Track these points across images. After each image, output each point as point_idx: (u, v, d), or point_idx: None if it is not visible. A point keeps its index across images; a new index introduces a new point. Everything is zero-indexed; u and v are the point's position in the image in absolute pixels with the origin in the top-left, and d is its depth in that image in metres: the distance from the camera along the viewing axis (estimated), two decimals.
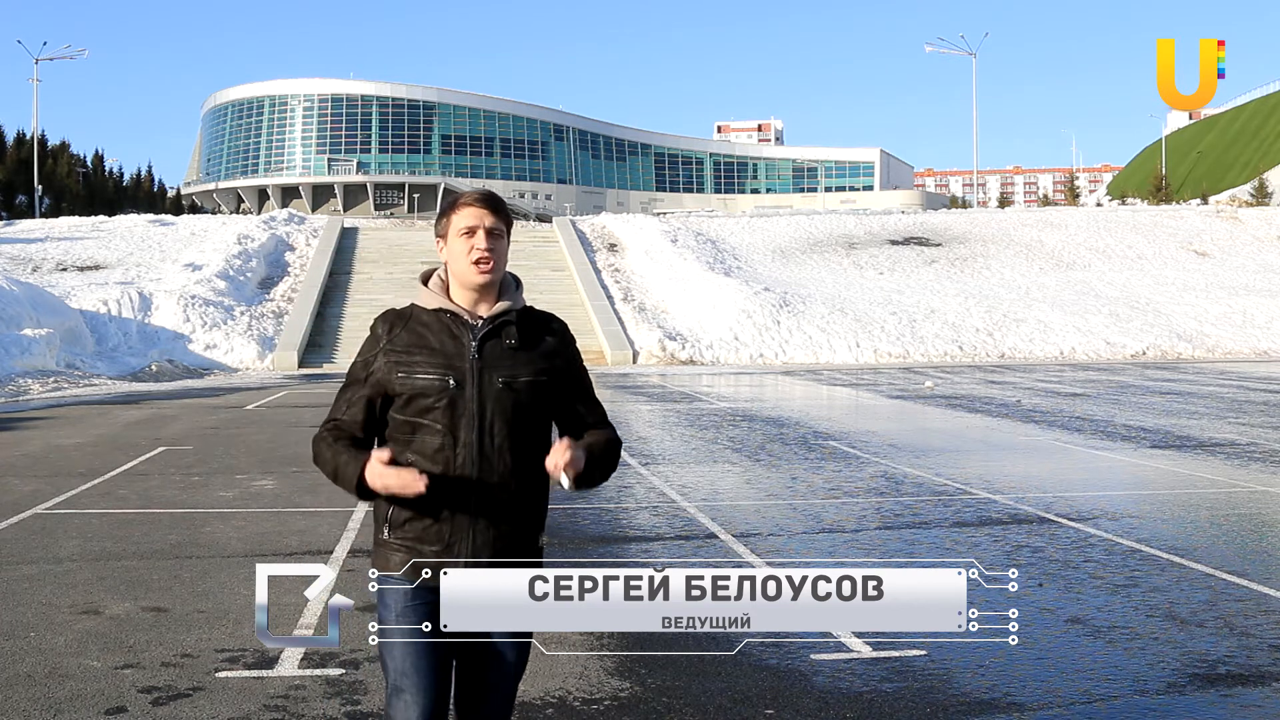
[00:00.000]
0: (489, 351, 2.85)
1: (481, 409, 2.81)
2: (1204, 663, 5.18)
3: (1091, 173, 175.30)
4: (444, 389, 2.81)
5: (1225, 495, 10.00)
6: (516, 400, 2.83)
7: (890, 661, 5.23)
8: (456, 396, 2.81)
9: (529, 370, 2.86)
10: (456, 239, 2.88)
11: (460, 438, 2.80)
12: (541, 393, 2.88)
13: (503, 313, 2.89)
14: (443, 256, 2.95)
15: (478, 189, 2.95)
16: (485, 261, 2.85)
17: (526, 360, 2.87)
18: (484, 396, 2.81)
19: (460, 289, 2.89)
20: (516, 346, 2.86)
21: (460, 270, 2.87)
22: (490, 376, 2.83)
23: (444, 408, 2.81)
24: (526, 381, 2.86)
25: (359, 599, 6.99)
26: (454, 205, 2.93)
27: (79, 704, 4.69)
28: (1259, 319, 38.11)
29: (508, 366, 2.84)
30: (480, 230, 2.85)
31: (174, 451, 13.25)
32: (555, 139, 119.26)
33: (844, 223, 51.21)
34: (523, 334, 2.89)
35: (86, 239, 43.56)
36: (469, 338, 2.85)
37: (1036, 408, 18.50)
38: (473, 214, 2.87)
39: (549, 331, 2.95)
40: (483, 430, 2.80)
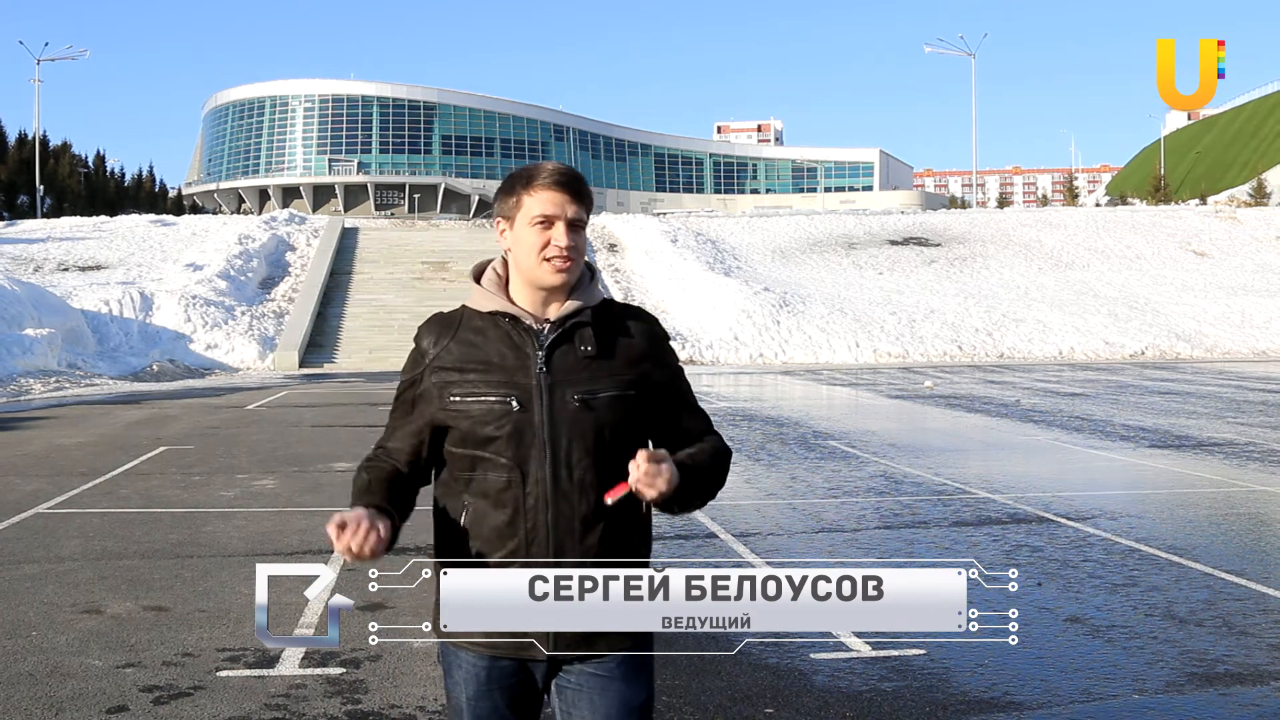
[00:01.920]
0: (560, 362, 2.31)
1: (554, 435, 2.28)
2: (1202, 662, 5.20)
3: (1090, 173, 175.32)
4: (506, 413, 2.29)
5: (1224, 495, 10.01)
6: (598, 421, 2.30)
7: (890, 660, 5.24)
8: (522, 421, 2.28)
9: (611, 382, 2.32)
10: (527, 228, 2.32)
11: (530, 473, 2.28)
12: (630, 409, 2.34)
13: (574, 313, 2.34)
14: (503, 243, 2.39)
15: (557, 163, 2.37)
16: (564, 261, 2.31)
17: (607, 370, 2.33)
18: (556, 419, 2.28)
19: (525, 286, 2.36)
20: (594, 354, 2.32)
21: (529, 266, 2.33)
22: (563, 394, 2.29)
23: (507, 436, 2.29)
24: (609, 397, 2.31)
25: (359, 599, 7.02)
26: (527, 183, 2.34)
27: (80, 703, 4.70)
28: (1257, 319, 38.11)
29: (584, 380, 2.31)
30: (560, 222, 2.30)
31: (175, 451, 13.26)
32: (555, 139, 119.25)
33: (843, 223, 51.21)
34: (601, 337, 2.35)
35: (88, 239, 43.55)
36: (534, 347, 2.32)
37: (1035, 407, 18.51)
38: (552, 200, 2.31)
39: (633, 330, 2.40)
40: (557, 462, 2.28)
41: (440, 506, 2.41)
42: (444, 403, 2.34)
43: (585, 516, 2.29)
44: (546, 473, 2.28)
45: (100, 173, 76.50)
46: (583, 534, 2.29)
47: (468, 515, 2.33)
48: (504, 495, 2.29)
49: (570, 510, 2.28)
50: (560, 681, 2.34)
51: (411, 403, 2.42)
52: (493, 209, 2.41)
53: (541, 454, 2.28)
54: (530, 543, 2.27)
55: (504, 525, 2.28)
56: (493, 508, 2.30)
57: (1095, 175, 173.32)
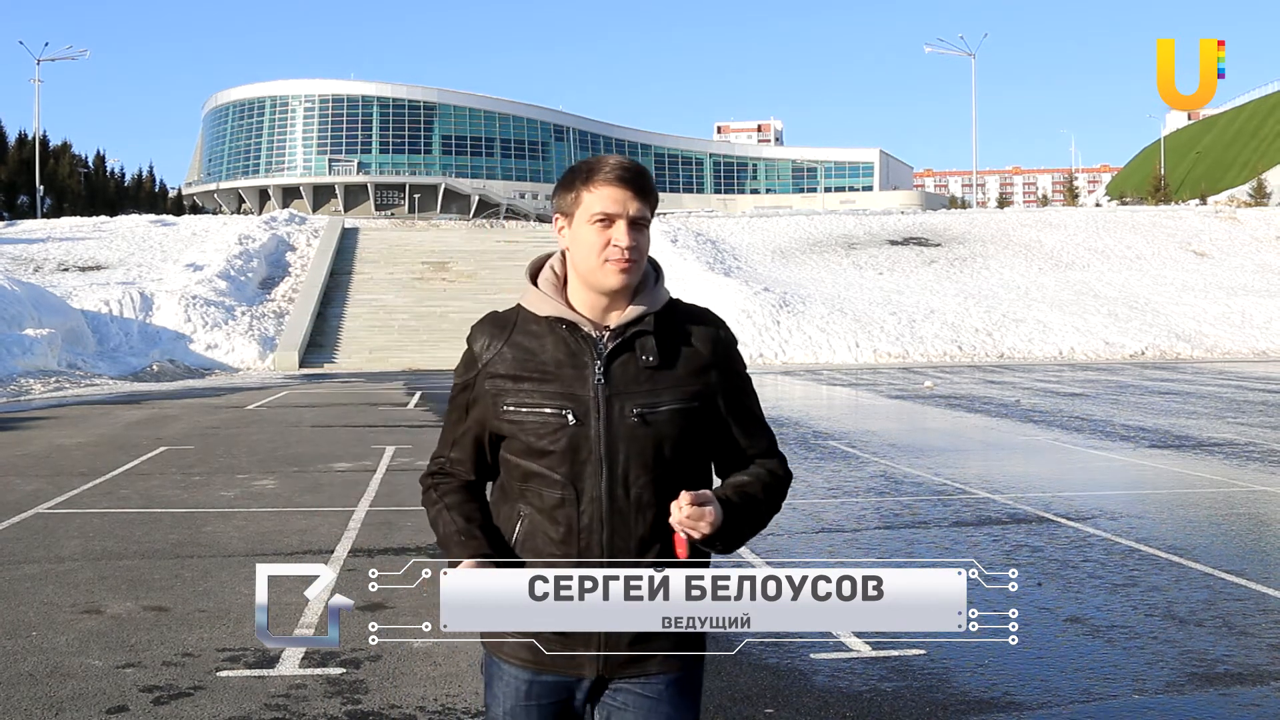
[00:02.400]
0: (619, 373, 2.18)
1: (611, 451, 2.16)
2: (1202, 662, 5.20)
3: (1090, 173, 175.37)
4: (561, 427, 2.16)
5: (1224, 495, 10.01)
6: (658, 436, 2.17)
7: (889, 661, 5.24)
8: (578, 436, 2.16)
9: (673, 394, 2.19)
10: (586, 226, 2.18)
11: (585, 490, 2.17)
12: (692, 422, 2.20)
13: (636, 319, 2.20)
14: (561, 241, 2.24)
15: (620, 157, 2.22)
16: (625, 262, 2.16)
17: (670, 381, 2.19)
18: (614, 435, 2.16)
19: (584, 288, 2.21)
20: (656, 364, 2.18)
21: (588, 268, 2.18)
22: (621, 407, 2.16)
23: (562, 451, 2.16)
24: (671, 411, 2.18)
25: (359, 599, 7.01)
26: (588, 178, 2.19)
27: (80, 703, 4.70)
28: (1257, 319, 38.11)
29: (645, 392, 2.17)
30: (622, 221, 2.16)
31: (175, 451, 13.26)
32: (555, 139, 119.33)
33: (843, 223, 51.21)
34: (664, 345, 2.20)
35: (88, 239, 43.56)
36: (592, 356, 2.18)
37: (1035, 407, 18.51)
38: (614, 197, 2.16)
39: (699, 335, 2.24)
40: (614, 480, 2.16)
41: (495, 512, 2.31)
42: (498, 411, 2.22)
43: (642, 537, 2.17)
44: (602, 491, 2.16)
45: (100, 173, 76.50)
46: (639, 556, 2.16)
47: (523, 526, 2.22)
48: (557, 512, 2.17)
49: (626, 531, 2.16)
50: (606, 701, 2.26)
51: (465, 407, 2.29)
52: (551, 204, 2.27)
53: (597, 471, 2.16)
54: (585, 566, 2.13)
55: (558, 542, 2.18)
56: (547, 523, 2.19)
57: (1095, 175, 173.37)
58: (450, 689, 4.87)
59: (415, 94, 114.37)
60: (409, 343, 33.87)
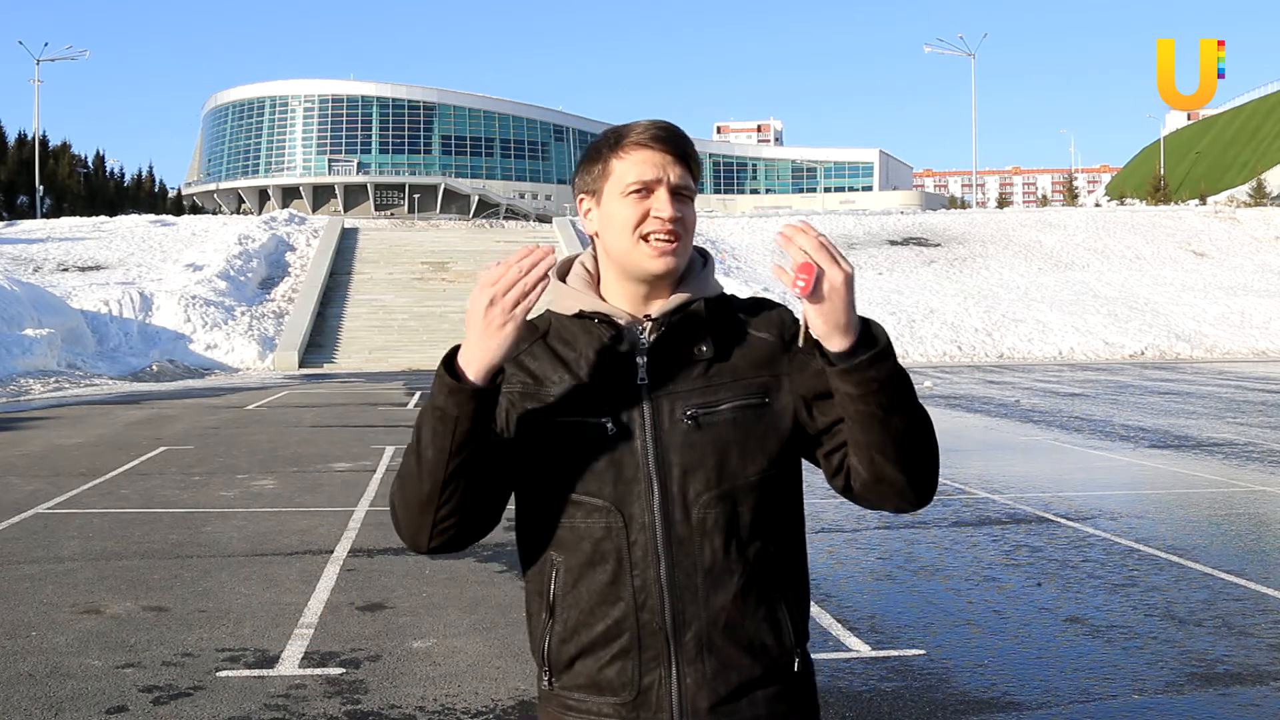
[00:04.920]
0: (666, 369, 1.78)
1: (662, 465, 1.75)
2: (1202, 662, 5.20)
3: (1090, 173, 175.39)
4: (599, 438, 1.75)
5: (1223, 495, 10.01)
6: (720, 443, 1.75)
7: (889, 660, 5.25)
8: (621, 449, 1.75)
9: (735, 390, 1.78)
10: (618, 201, 1.79)
11: (633, 516, 1.74)
12: (764, 420, 1.78)
13: (682, 304, 1.80)
14: (588, 225, 1.87)
15: (654, 119, 1.85)
16: (669, 239, 1.77)
17: (730, 373, 1.79)
18: (664, 444, 1.75)
19: (620, 279, 1.83)
20: (711, 355, 1.79)
21: (623, 251, 1.79)
22: (670, 409, 1.76)
23: (603, 469, 1.75)
24: (734, 409, 1.77)
25: (359, 598, 7.01)
26: (616, 142, 1.82)
27: (80, 703, 4.70)
28: (1257, 319, 38.12)
29: (698, 390, 1.77)
30: (662, 188, 1.78)
31: (175, 451, 13.26)
32: (555, 139, 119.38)
33: (843, 223, 51.23)
34: (719, 335, 1.81)
35: (87, 239, 43.56)
36: (633, 352, 1.79)
37: (1035, 407, 18.51)
38: (651, 161, 1.79)
39: (761, 321, 1.84)
40: (668, 499, 1.74)
41: (522, 573, 1.87)
42: (519, 423, 1.79)
43: (710, 569, 1.74)
44: (655, 515, 1.74)
45: (100, 173, 76.51)
46: (709, 592, 1.73)
47: (558, 579, 1.78)
48: (603, 546, 1.74)
49: (690, 562, 1.73)
50: None
51: None
52: (573, 185, 1.90)
53: (647, 490, 1.74)
54: (640, 606, 1.73)
55: (605, 586, 1.74)
56: (589, 565, 1.74)
57: (1095, 175, 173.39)
58: (450, 689, 4.87)
59: (415, 94, 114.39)
60: (409, 343, 33.87)
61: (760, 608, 1.76)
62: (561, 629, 1.77)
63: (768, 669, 1.76)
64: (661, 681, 1.73)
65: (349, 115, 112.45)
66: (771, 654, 1.76)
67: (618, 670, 1.74)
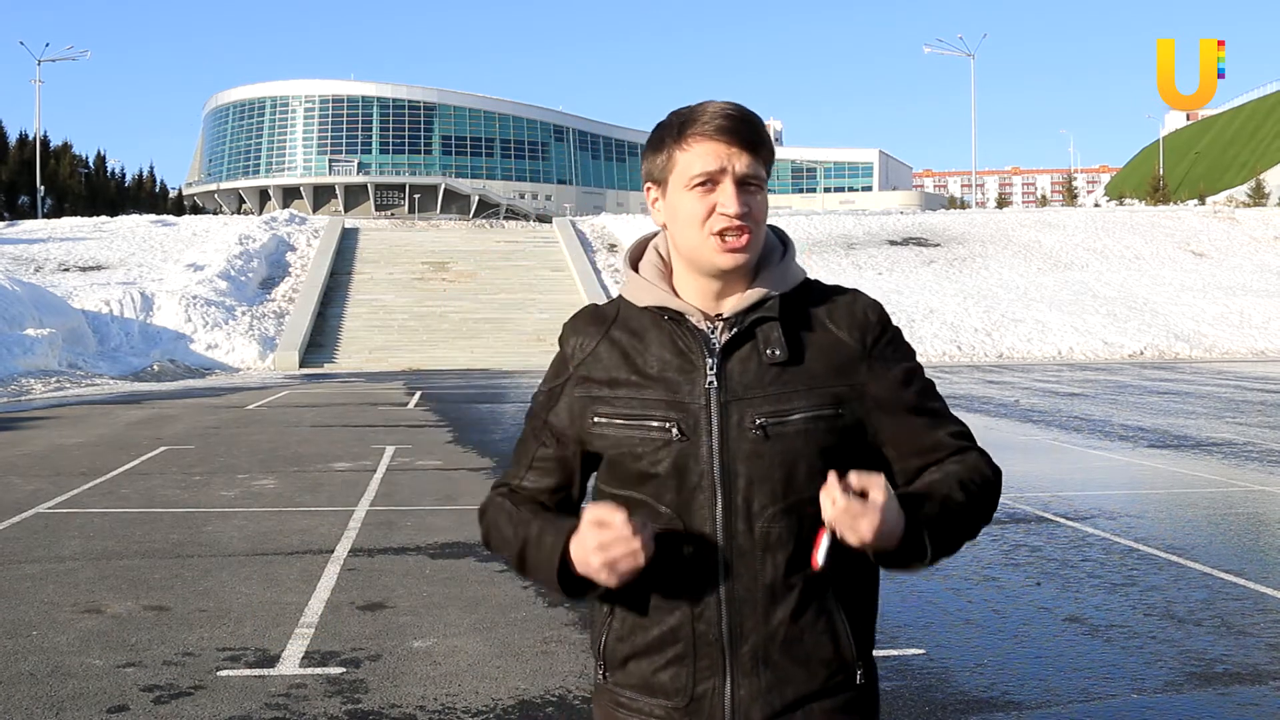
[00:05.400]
0: (738, 374, 1.71)
1: (727, 474, 1.69)
2: (1201, 661, 5.20)
3: (1089, 173, 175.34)
4: (665, 443, 1.71)
5: (1222, 494, 10.02)
6: (788, 454, 1.69)
7: (889, 660, 5.25)
8: (685, 455, 1.70)
9: (809, 399, 1.71)
10: (684, 194, 1.72)
11: (695, 524, 1.70)
12: (837, 433, 1.72)
13: (756, 304, 1.74)
14: (656, 216, 1.79)
15: (723, 103, 1.74)
16: (737, 234, 1.70)
17: (804, 381, 1.71)
18: (730, 452, 1.69)
19: (690, 273, 1.76)
20: (785, 359, 1.71)
21: (691, 245, 1.73)
22: (739, 417, 1.70)
23: (666, 475, 1.71)
24: (805, 419, 1.70)
25: (359, 598, 7.02)
26: (680, 131, 1.73)
27: (81, 702, 4.71)
28: (1256, 319, 38.12)
29: (770, 397, 1.70)
30: (727, 179, 1.70)
31: (175, 451, 13.27)
32: (555, 140, 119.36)
33: (843, 223, 51.24)
34: (795, 335, 1.74)
35: (88, 239, 43.57)
36: (702, 353, 1.72)
37: (1034, 407, 18.52)
38: (714, 152, 1.70)
39: (843, 319, 1.77)
40: (731, 510, 1.69)
41: None
42: (586, 424, 1.77)
43: (771, 584, 1.69)
44: (717, 525, 1.69)
45: (101, 173, 76.48)
46: (768, 607, 1.69)
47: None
48: (663, 553, 1.68)
49: (751, 576, 1.69)
50: None
51: (550, 420, 1.83)
52: (640, 171, 1.83)
53: (710, 499, 1.69)
54: (697, 617, 1.70)
55: (663, 593, 1.72)
56: (650, 568, 1.67)
57: (1094, 176, 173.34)
58: (450, 689, 4.88)
59: (415, 94, 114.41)
60: (409, 343, 33.87)
61: (820, 620, 1.71)
62: (619, 626, 1.75)
63: (826, 682, 1.72)
64: (716, 691, 1.70)
65: (349, 115, 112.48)
66: (830, 667, 1.72)
67: (671, 676, 1.72)
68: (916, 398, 1.78)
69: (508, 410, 18.31)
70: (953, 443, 1.78)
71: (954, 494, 1.71)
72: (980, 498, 1.75)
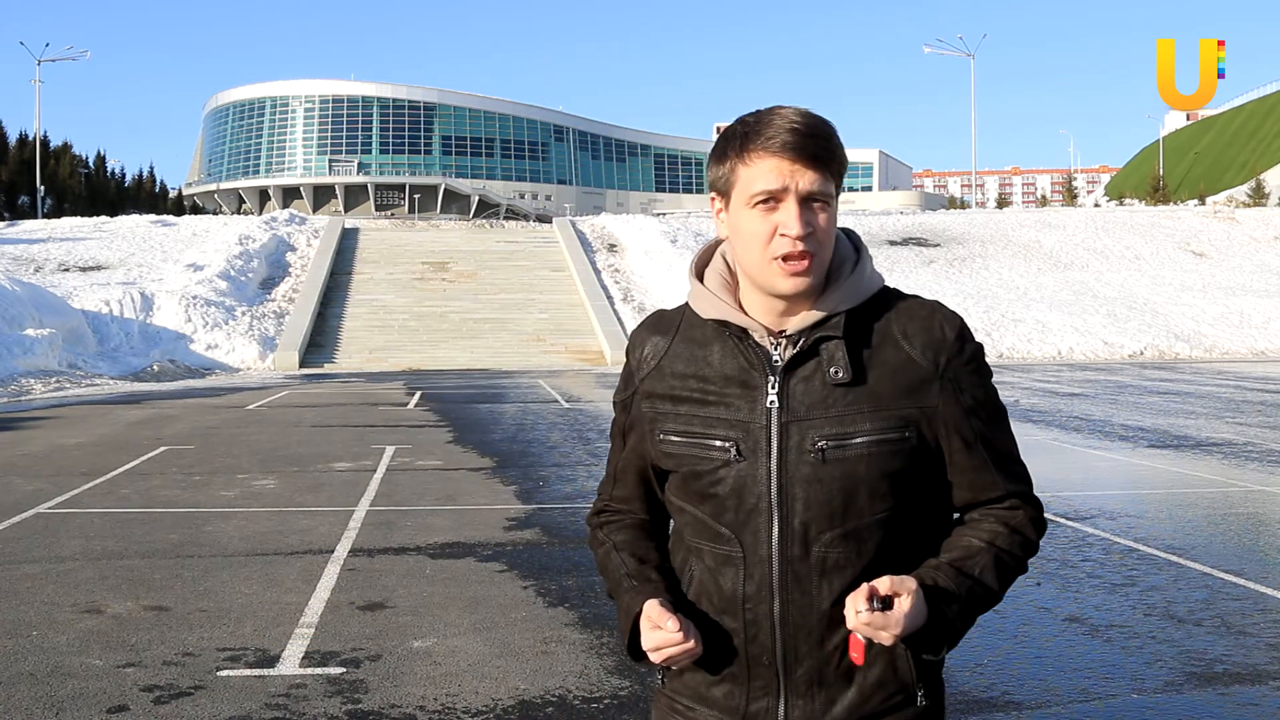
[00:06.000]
0: (800, 394, 1.66)
1: (785, 497, 1.66)
2: (1201, 661, 5.20)
3: (1089, 173, 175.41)
4: (724, 463, 1.68)
5: (1222, 494, 10.02)
6: (849, 478, 1.65)
7: None
8: (744, 476, 1.67)
9: (874, 422, 1.65)
10: (745, 211, 1.65)
11: (751, 546, 1.68)
12: (903, 458, 1.66)
13: (820, 321, 1.67)
14: (719, 228, 1.73)
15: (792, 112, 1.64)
16: (799, 260, 1.63)
17: (870, 403, 1.65)
18: (789, 475, 1.66)
19: (755, 290, 1.70)
20: (849, 380, 1.65)
21: (753, 265, 1.66)
22: (800, 438, 1.65)
23: (726, 495, 1.68)
24: (868, 443, 1.65)
25: (359, 598, 7.01)
26: (744, 144, 1.64)
27: (81, 702, 4.71)
28: (1256, 319, 38.13)
29: (832, 419, 1.65)
30: (790, 197, 1.62)
31: (175, 451, 13.27)
32: (555, 140, 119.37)
33: (843, 223, 51.19)
34: (859, 353, 1.67)
35: (88, 239, 43.58)
36: (764, 371, 1.68)
37: (1034, 407, 18.52)
38: (778, 170, 1.62)
39: (916, 337, 1.68)
40: (788, 534, 1.66)
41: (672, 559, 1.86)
42: (654, 440, 1.76)
43: (827, 613, 1.65)
44: (773, 549, 1.66)
45: (101, 173, 76.52)
46: (825, 633, 1.66)
47: (693, 585, 1.76)
48: (723, 572, 1.70)
49: (806, 603, 1.65)
50: None
51: (624, 433, 1.85)
52: (706, 177, 1.75)
53: (767, 522, 1.66)
54: (750, 640, 1.68)
55: (720, 611, 1.71)
56: (712, 581, 1.71)
57: (1094, 176, 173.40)
58: (450, 689, 4.88)
59: (415, 94, 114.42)
60: (409, 343, 33.87)
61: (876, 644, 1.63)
62: None
63: (883, 704, 1.69)
64: (769, 711, 1.69)
65: (349, 115, 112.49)
66: (888, 689, 1.69)
67: (725, 692, 1.72)
68: (983, 428, 1.71)
69: (508, 410, 18.31)
70: (1006, 490, 1.73)
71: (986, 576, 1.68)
72: (1015, 570, 1.72)
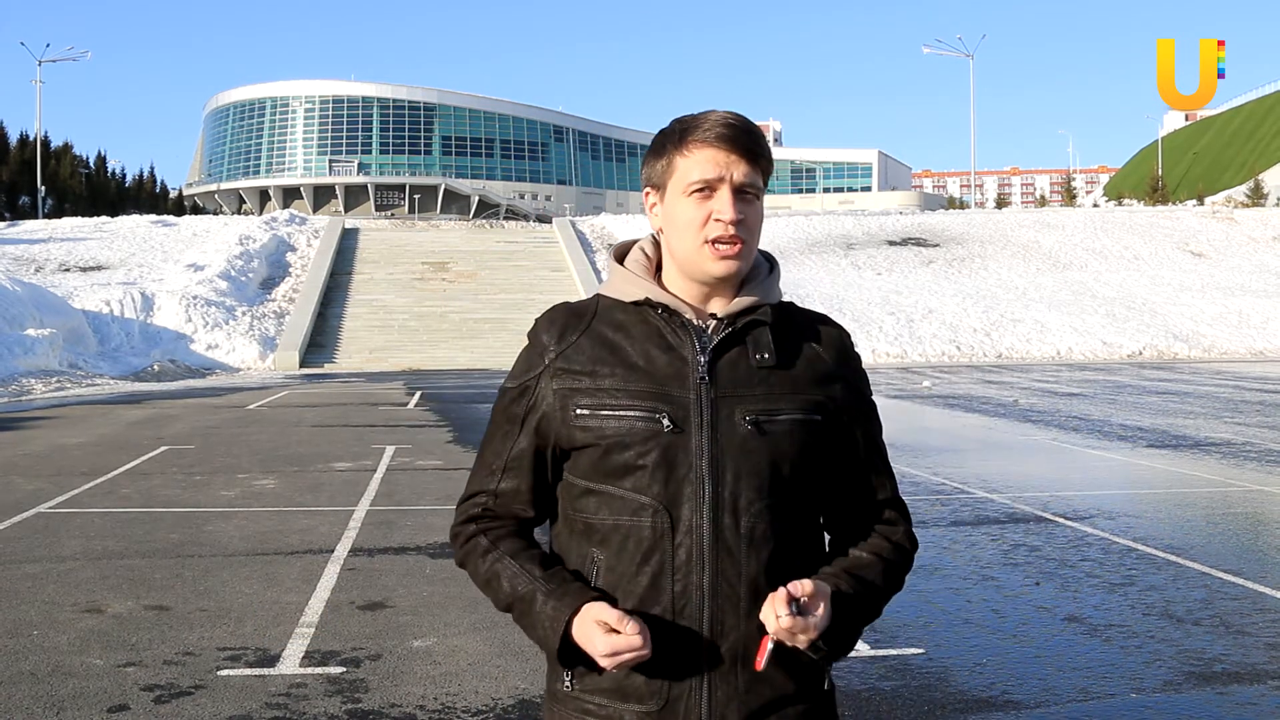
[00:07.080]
0: (728, 371, 1.73)
1: (717, 467, 1.70)
2: (1200, 661, 5.22)
3: (1088, 174, 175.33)
4: (654, 434, 1.70)
5: (1221, 494, 10.03)
6: (775, 452, 1.72)
7: (888, 659, 5.26)
8: (674, 447, 1.70)
9: (795, 402, 1.74)
10: (682, 199, 1.74)
11: (682, 517, 1.70)
12: (816, 441, 1.76)
13: (749, 308, 1.77)
14: (653, 221, 1.82)
15: (725, 112, 1.77)
16: (731, 244, 1.73)
17: (789, 386, 1.75)
18: (721, 446, 1.71)
19: (683, 278, 1.78)
20: (772, 363, 1.75)
21: (686, 251, 1.75)
22: (730, 412, 1.72)
23: (654, 466, 1.70)
24: (791, 421, 1.74)
25: (359, 598, 7.02)
26: (681, 138, 1.76)
27: (81, 702, 4.72)
28: (1254, 319, 38.14)
29: (760, 397, 1.73)
30: (725, 187, 1.72)
31: (176, 451, 13.28)
32: (555, 140, 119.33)
33: (842, 223, 51.25)
34: (781, 343, 1.77)
35: (89, 239, 43.59)
36: (694, 349, 1.74)
37: (1033, 407, 18.53)
38: (714, 160, 1.73)
39: (824, 338, 1.82)
40: (719, 504, 1.69)
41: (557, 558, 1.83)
42: (567, 416, 1.74)
43: (753, 579, 1.69)
44: (704, 518, 1.69)
45: (101, 173, 76.49)
46: (750, 604, 1.69)
47: (599, 577, 1.74)
48: (646, 546, 1.70)
49: (735, 571, 1.69)
50: None
51: (522, 418, 1.79)
52: (641, 175, 1.84)
53: (698, 492, 1.69)
54: (678, 611, 1.69)
55: (645, 589, 1.70)
56: (631, 564, 1.70)
57: (1093, 176, 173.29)
58: (450, 688, 4.89)
59: (415, 94, 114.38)
60: (409, 343, 33.88)
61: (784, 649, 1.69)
62: None
63: (800, 686, 1.73)
64: (692, 692, 1.69)
65: (349, 116, 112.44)
66: (805, 671, 1.73)
67: (645, 679, 1.69)
68: (874, 434, 1.86)
69: None
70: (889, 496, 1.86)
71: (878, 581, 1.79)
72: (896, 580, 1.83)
